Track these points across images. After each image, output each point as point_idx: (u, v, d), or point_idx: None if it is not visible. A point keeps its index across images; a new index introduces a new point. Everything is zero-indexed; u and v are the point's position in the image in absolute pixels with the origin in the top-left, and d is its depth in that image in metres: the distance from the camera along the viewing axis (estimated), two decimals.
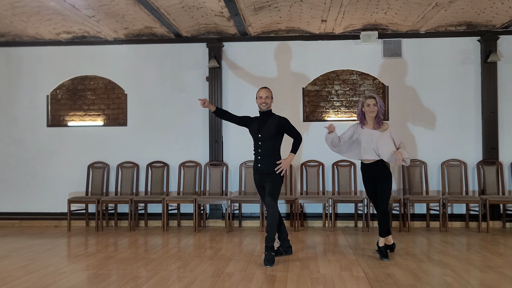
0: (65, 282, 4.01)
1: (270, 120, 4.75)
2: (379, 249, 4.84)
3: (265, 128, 4.70)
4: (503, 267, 4.39)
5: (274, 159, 4.72)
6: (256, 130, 4.75)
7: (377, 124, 4.76)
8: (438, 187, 7.04)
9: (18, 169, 7.49)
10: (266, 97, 4.74)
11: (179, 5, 6.07)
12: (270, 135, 4.69)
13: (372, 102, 4.73)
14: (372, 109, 4.72)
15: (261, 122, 4.77)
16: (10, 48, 7.56)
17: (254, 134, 4.79)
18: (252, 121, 4.87)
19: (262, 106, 4.75)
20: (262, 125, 4.73)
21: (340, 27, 6.97)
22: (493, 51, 6.86)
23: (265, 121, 4.75)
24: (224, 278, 4.08)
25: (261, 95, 4.76)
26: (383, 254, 4.74)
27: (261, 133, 4.70)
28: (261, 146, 4.72)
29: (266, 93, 4.77)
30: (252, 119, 4.89)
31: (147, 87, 7.40)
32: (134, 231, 6.75)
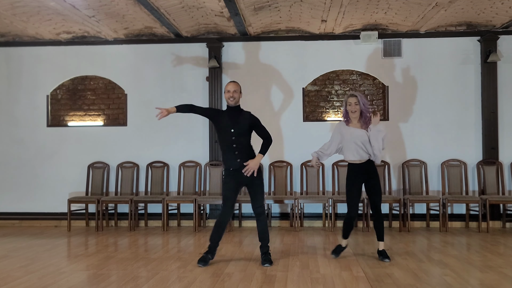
0: (65, 282, 4.01)
1: (242, 116, 4.58)
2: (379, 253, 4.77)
3: (239, 124, 4.52)
4: (503, 267, 4.39)
5: (252, 153, 4.59)
6: (229, 125, 4.51)
7: (364, 124, 4.65)
8: (438, 187, 7.04)
9: (18, 169, 7.50)
10: (234, 91, 4.53)
11: (179, 5, 6.07)
12: (244, 131, 4.52)
13: (353, 100, 4.62)
14: (354, 108, 4.61)
15: (232, 116, 4.54)
16: (10, 48, 7.56)
17: (225, 130, 4.53)
18: (221, 115, 4.62)
19: (230, 100, 4.54)
20: (234, 120, 4.52)
21: (340, 27, 6.97)
22: (493, 51, 6.86)
23: (237, 116, 4.55)
24: (224, 278, 4.08)
25: (229, 89, 4.55)
26: (385, 255, 4.71)
27: (235, 128, 4.49)
28: (236, 142, 4.50)
29: (234, 87, 4.56)
30: (221, 113, 4.64)
31: (147, 87, 7.41)
32: (134, 231, 6.75)
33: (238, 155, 4.50)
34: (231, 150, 4.51)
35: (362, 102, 4.61)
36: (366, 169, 4.66)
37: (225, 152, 4.57)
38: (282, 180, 7.10)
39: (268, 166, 7.15)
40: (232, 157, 4.52)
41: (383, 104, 7.20)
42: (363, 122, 4.66)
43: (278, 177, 7.12)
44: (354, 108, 4.61)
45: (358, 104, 4.61)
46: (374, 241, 5.79)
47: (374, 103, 7.23)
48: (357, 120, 4.68)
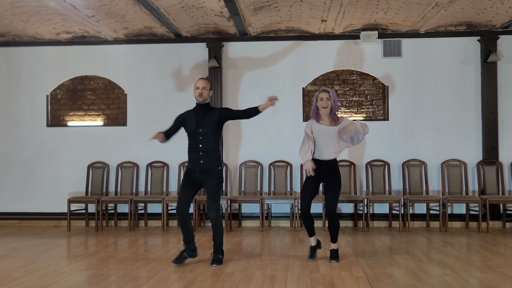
0: (65, 282, 4.01)
1: (210, 113, 4.46)
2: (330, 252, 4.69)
3: (206, 122, 4.40)
4: (503, 267, 4.39)
5: (217, 156, 4.48)
6: (195, 124, 4.42)
7: (333, 121, 4.53)
8: (438, 187, 7.04)
9: (18, 169, 7.49)
10: (203, 88, 4.42)
11: (179, 5, 6.07)
12: (211, 129, 4.42)
13: (325, 96, 4.47)
14: (325, 103, 4.46)
15: (199, 115, 4.44)
16: (10, 48, 7.56)
17: (192, 129, 4.44)
18: (186, 116, 4.52)
19: (199, 98, 4.44)
20: (201, 118, 4.41)
21: (340, 27, 6.97)
22: (493, 51, 6.86)
23: (204, 114, 4.43)
24: (224, 278, 4.08)
25: (198, 86, 4.44)
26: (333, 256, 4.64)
27: (202, 127, 4.40)
28: (202, 141, 4.40)
29: (203, 83, 4.45)
30: (186, 114, 4.54)
31: (147, 87, 7.40)
32: (134, 231, 6.75)
33: (202, 155, 4.42)
34: (196, 150, 4.43)
35: (333, 99, 4.48)
36: (329, 167, 4.54)
37: (190, 152, 4.49)
38: (282, 180, 7.10)
39: (268, 166, 7.15)
40: (195, 156, 4.44)
41: (383, 104, 7.20)
42: (331, 118, 4.52)
43: (278, 177, 7.11)
44: (325, 103, 4.47)
45: (329, 100, 4.47)
46: (374, 241, 5.80)
47: (374, 103, 7.23)
48: (327, 116, 4.54)
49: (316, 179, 4.58)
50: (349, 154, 7.11)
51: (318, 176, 4.55)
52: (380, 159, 7.08)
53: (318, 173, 4.52)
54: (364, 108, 7.23)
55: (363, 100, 7.24)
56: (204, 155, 4.41)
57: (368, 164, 7.06)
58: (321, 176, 4.56)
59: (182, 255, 4.60)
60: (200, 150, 4.41)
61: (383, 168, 7.02)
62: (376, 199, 6.63)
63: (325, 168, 4.52)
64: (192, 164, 4.48)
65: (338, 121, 4.55)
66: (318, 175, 4.53)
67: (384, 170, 7.02)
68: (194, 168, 4.46)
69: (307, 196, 4.59)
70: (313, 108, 4.58)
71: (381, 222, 7.05)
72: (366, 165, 7.07)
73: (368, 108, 7.23)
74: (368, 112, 7.23)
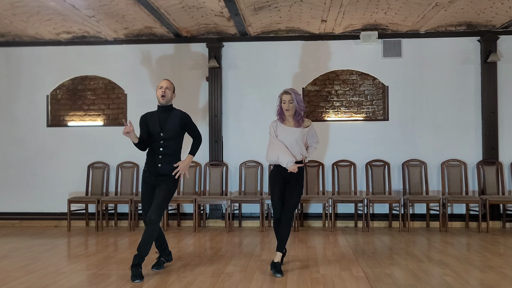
0: (65, 282, 4.01)
1: (172, 116, 4.25)
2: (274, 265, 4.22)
3: (168, 125, 4.20)
4: (503, 267, 4.39)
5: (176, 160, 4.27)
6: (158, 127, 4.19)
7: (297, 122, 4.37)
8: (438, 187, 7.04)
9: (18, 169, 7.49)
10: (166, 88, 4.21)
11: (179, 5, 6.07)
12: (173, 134, 4.21)
13: (287, 98, 4.31)
14: (287, 106, 4.31)
15: (162, 118, 4.23)
16: (10, 48, 7.56)
17: (154, 132, 4.20)
18: (149, 117, 4.28)
19: (161, 99, 4.21)
20: (163, 121, 4.21)
21: (340, 27, 6.97)
22: (493, 51, 6.86)
23: (166, 117, 4.24)
24: (224, 278, 4.08)
25: (161, 85, 4.23)
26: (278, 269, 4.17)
27: (164, 131, 4.18)
28: (163, 146, 4.19)
29: (166, 83, 4.24)
30: (149, 116, 4.30)
31: (147, 87, 7.40)
32: (134, 231, 6.75)
33: (161, 159, 4.19)
34: (156, 154, 4.21)
35: (297, 100, 4.32)
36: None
37: (149, 155, 4.27)
38: None
39: (268, 166, 7.15)
40: (153, 160, 4.21)
41: (383, 104, 7.20)
42: (295, 120, 4.38)
43: None
44: (288, 106, 4.32)
45: (292, 102, 4.32)
46: (374, 241, 5.81)
47: (374, 103, 7.23)
48: (291, 117, 4.39)
49: (280, 183, 4.38)
50: (349, 154, 7.12)
51: (282, 179, 4.37)
52: (380, 159, 7.08)
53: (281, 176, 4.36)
54: (364, 108, 7.23)
55: (363, 100, 7.24)
56: (163, 159, 4.19)
57: (368, 164, 7.07)
58: (286, 178, 4.36)
59: (160, 260, 4.46)
60: (160, 154, 4.20)
61: (383, 168, 7.02)
62: (376, 199, 6.63)
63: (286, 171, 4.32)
64: (151, 167, 4.23)
65: (303, 122, 4.40)
66: (281, 178, 4.36)
67: (384, 170, 7.02)
68: (151, 171, 4.23)
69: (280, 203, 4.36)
70: (278, 109, 4.43)
71: (381, 222, 7.05)
72: (366, 165, 7.08)
73: (368, 108, 7.23)
74: (368, 112, 7.23)
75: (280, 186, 4.37)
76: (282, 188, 4.38)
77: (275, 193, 4.37)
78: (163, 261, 4.50)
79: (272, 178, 4.42)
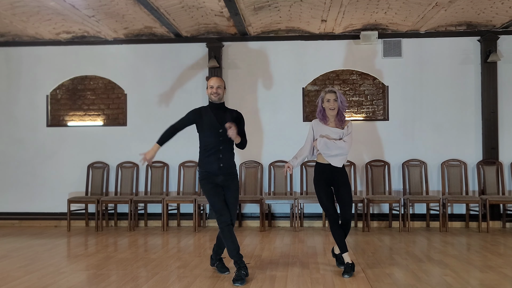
0: (65, 282, 4.01)
1: (228, 114, 4.15)
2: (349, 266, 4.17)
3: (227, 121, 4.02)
4: (503, 267, 4.39)
5: (233, 157, 4.19)
6: (217, 124, 4.05)
7: (339, 122, 4.29)
8: (438, 187, 7.04)
9: (18, 169, 7.49)
10: (217, 87, 4.12)
11: (179, 5, 6.07)
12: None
13: (332, 97, 4.20)
14: (333, 105, 4.20)
15: (218, 115, 4.10)
16: (10, 48, 7.55)
17: (211, 129, 4.07)
18: (202, 114, 4.16)
19: (213, 96, 4.11)
20: (221, 119, 4.06)
21: (340, 27, 6.97)
22: (493, 51, 6.86)
23: (223, 114, 4.12)
24: (224, 278, 4.08)
25: (212, 85, 4.13)
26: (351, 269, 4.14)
27: (223, 127, 3.99)
28: (223, 143, 4.04)
29: (218, 82, 4.14)
30: (201, 112, 4.18)
31: (147, 87, 7.40)
32: (134, 231, 6.75)
33: (222, 158, 4.06)
34: (216, 152, 4.05)
35: (341, 99, 4.23)
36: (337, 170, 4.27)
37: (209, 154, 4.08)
38: (282, 180, 7.10)
39: (268, 166, 7.15)
40: (214, 159, 4.05)
41: (383, 104, 7.20)
42: (338, 120, 4.29)
43: (278, 177, 7.11)
44: (332, 104, 4.21)
45: (336, 101, 4.22)
46: (374, 241, 5.80)
47: (374, 103, 7.23)
48: (333, 118, 4.29)
49: (327, 185, 4.29)
50: (349, 154, 7.08)
51: (328, 181, 4.29)
52: (380, 159, 7.08)
53: (327, 178, 4.28)
54: (364, 108, 7.23)
55: (363, 100, 7.24)
56: (224, 158, 4.07)
57: (368, 164, 7.06)
58: (332, 180, 4.28)
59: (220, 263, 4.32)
60: (220, 153, 4.06)
61: (383, 168, 7.02)
62: (376, 199, 6.63)
63: (332, 172, 4.27)
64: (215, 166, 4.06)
65: (344, 123, 4.33)
66: (327, 180, 4.28)
67: (384, 170, 7.01)
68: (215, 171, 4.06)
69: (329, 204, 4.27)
70: (320, 109, 4.32)
71: (381, 222, 7.05)
72: (366, 165, 7.08)
73: (368, 108, 7.23)
74: (368, 112, 7.23)
75: (325, 190, 4.27)
76: (328, 190, 4.28)
77: (323, 197, 4.26)
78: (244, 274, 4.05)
79: (316, 182, 4.31)
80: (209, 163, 4.07)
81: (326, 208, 4.27)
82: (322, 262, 4.67)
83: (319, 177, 4.29)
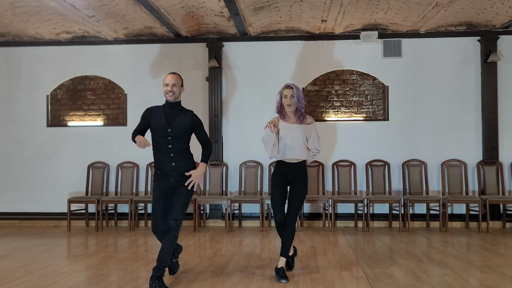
0: (65, 282, 4.01)
1: (183, 114, 3.91)
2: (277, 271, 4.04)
3: (177, 122, 3.84)
4: (503, 267, 4.39)
5: (191, 160, 3.91)
6: (165, 123, 3.82)
7: (299, 119, 4.17)
8: (438, 187, 7.04)
9: (18, 169, 7.49)
10: (173, 85, 3.81)
11: (179, 5, 6.07)
12: (183, 131, 3.85)
13: (289, 93, 4.11)
14: (289, 101, 4.11)
15: (170, 114, 3.86)
16: (10, 48, 7.56)
17: (160, 128, 3.83)
18: (154, 112, 3.91)
19: (168, 95, 3.83)
20: (172, 118, 3.84)
21: (340, 27, 6.97)
22: (493, 51, 6.86)
23: (176, 114, 3.88)
24: (224, 278, 4.08)
25: (167, 82, 3.82)
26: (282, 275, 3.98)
27: (172, 127, 3.80)
28: (173, 143, 3.80)
29: (173, 79, 3.82)
30: (154, 111, 3.93)
31: (147, 87, 7.40)
32: (134, 231, 6.75)
33: (174, 157, 3.81)
34: (166, 152, 3.81)
35: (298, 96, 4.13)
36: (297, 168, 4.14)
37: (158, 154, 3.86)
38: None
39: (268, 166, 7.15)
40: (165, 159, 3.81)
41: (383, 104, 7.20)
42: (297, 116, 4.18)
43: None
44: (289, 101, 4.12)
45: (293, 97, 4.13)
46: (374, 241, 5.80)
47: (374, 103, 7.23)
48: (293, 114, 4.19)
49: (282, 184, 4.16)
50: (349, 154, 7.12)
51: (284, 180, 4.16)
52: (380, 159, 7.08)
53: (284, 177, 4.14)
54: (364, 108, 7.23)
55: (363, 100, 7.24)
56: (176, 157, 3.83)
57: (368, 164, 7.07)
58: (289, 179, 4.15)
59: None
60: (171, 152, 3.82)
61: (383, 168, 7.02)
62: (376, 199, 6.63)
63: (291, 170, 4.13)
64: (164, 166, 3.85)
65: (304, 119, 4.21)
66: (284, 178, 4.15)
67: (384, 170, 7.02)
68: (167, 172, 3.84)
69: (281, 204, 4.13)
70: (278, 105, 4.23)
71: (381, 222, 7.05)
72: (366, 165, 7.08)
73: (368, 108, 7.23)
74: (368, 112, 7.23)
75: (281, 188, 4.14)
76: (284, 190, 4.15)
77: (276, 194, 4.12)
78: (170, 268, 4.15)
79: (273, 178, 4.19)
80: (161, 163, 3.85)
81: None
82: (322, 262, 4.67)
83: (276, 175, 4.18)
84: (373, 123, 7.18)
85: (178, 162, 3.82)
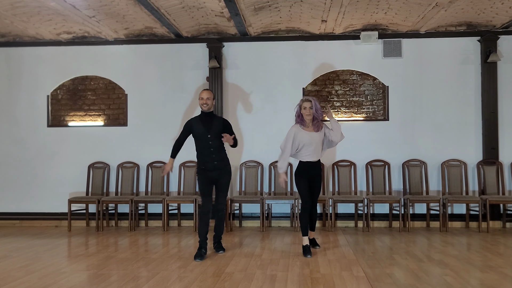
0: (66, 282, 4.02)
1: (215, 120, 5.11)
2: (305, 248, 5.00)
3: (213, 127, 5.02)
4: (503, 267, 4.40)
5: (224, 152, 5.15)
6: (205, 130, 5.01)
7: (316, 127, 5.05)
8: (438, 187, 7.04)
9: (19, 169, 7.50)
10: (207, 99, 5.04)
11: (179, 5, 6.08)
12: (218, 134, 5.02)
13: (308, 105, 4.98)
14: (308, 112, 4.98)
15: (206, 122, 5.05)
16: (10, 48, 7.56)
17: (201, 134, 5.02)
18: (194, 124, 5.10)
19: (203, 107, 5.04)
20: (209, 125, 5.02)
21: (340, 27, 6.97)
22: (493, 51, 6.86)
23: (211, 121, 5.07)
24: (224, 278, 4.09)
25: (202, 97, 5.05)
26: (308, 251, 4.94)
27: (211, 133, 4.99)
28: (212, 145, 5.01)
29: (207, 94, 5.06)
30: (193, 122, 5.11)
31: (147, 87, 7.41)
32: (134, 231, 6.76)
33: (214, 157, 5.03)
34: (208, 153, 5.02)
35: (316, 108, 4.99)
36: (315, 168, 5.09)
37: (202, 154, 5.05)
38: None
39: (268, 166, 7.16)
40: (208, 158, 5.03)
41: (383, 104, 7.21)
42: (314, 125, 5.06)
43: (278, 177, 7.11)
44: (308, 112, 4.98)
45: (312, 109, 4.97)
46: (374, 241, 5.81)
47: (374, 103, 7.23)
48: (310, 122, 5.05)
49: (306, 180, 5.07)
50: (349, 154, 7.12)
51: (308, 176, 5.07)
52: (380, 159, 7.08)
53: (308, 174, 5.06)
54: (364, 108, 7.24)
55: (363, 100, 7.24)
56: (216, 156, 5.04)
57: (368, 164, 7.07)
58: (311, 176, 5.08)
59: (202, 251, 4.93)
60: (212, 153, 5.01)
61: (383, 168, 7.03)
62: (376, 199, 6.64)
63: (312, 169, 5.07)
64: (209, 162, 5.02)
65: (321, 128, 5.08)
66: (307, 176, 5.06)
67: (384, 170, 7.02)
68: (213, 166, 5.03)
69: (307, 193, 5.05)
70: (298, 115, 5.07)
71: (381, 222, 7.05)
72: (366, 165, 7.08)
73: (368, 108, 7.24)
74: (368, 112, 7.23)
75: (306, 182, 5.05)
76: (308, 183, 5.06)
77: (305, 187, 5.03)
78: (203, 252, 4.93)
79: (299, 175, 5.07)
80: (204, 162, 5.04)
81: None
82: (322, 262, 4.67)
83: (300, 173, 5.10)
84: (373, 123, 7.19)
85: (217, 157, 5.03)
